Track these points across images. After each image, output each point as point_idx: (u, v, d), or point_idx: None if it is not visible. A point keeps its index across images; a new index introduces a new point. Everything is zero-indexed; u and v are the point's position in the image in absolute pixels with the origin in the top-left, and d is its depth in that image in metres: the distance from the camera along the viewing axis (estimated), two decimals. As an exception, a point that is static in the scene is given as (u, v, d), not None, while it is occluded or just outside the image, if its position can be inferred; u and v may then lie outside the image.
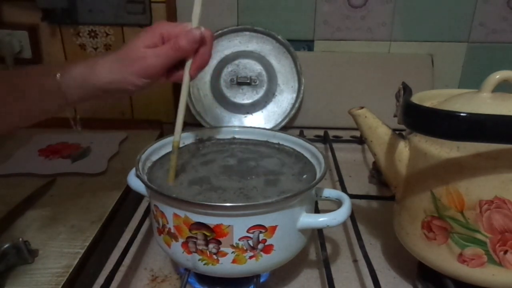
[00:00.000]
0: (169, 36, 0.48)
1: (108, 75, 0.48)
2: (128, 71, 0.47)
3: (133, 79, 0.48)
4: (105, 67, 0.48)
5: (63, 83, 0.48)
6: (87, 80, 0.48)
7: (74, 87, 0.48)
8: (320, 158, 0.51)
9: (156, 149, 0.54)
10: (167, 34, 0.48)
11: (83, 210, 0.64)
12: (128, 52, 0.48)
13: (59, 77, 0.48)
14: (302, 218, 0.45)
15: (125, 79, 0.48)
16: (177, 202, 0.43)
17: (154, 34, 0.48)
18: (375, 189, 0.73)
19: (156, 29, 0.49)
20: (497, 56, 0.91)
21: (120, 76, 0.48)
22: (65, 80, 0.48)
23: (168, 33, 0.48)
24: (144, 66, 0.47)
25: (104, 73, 0.48)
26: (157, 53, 0.47)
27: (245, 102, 0.88)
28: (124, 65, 0.48)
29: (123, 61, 0.48)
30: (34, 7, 0.89)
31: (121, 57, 0.48)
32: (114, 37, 0.93)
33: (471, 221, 0.42)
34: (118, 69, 0.48)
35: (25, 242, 0.53)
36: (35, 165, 0.77)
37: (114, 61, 0.48)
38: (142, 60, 0.47)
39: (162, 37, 0.48)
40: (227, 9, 0.89)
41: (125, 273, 0.52)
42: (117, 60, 0.48)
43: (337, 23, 0.90)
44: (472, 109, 0.42)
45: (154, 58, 0.47)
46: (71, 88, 0.48)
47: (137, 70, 0.47)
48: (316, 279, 0.52)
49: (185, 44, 0.47)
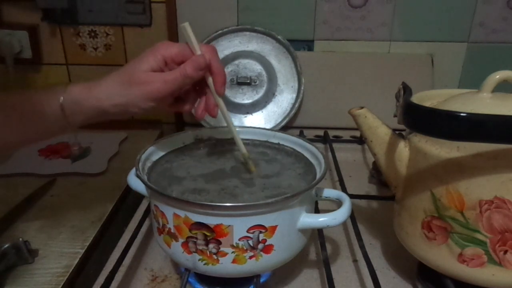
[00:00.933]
0: (172, 59, 0.49)
1: (113, 98, 0.48)
2: (134, 95, 0.47)
3: (139, 103, 0.48)
4: (109, 91, 0.48)
5: (66, 106, 0.48)
6: (90, 104, 0.48)
7: (77, 111, 0.48)
8: (320, 158, 0.51)
9: (156, 149, 0.54)
10: (170, 58, 0.49)
11: (83, 210, 0.64)
12: (133, 76, 0.48)
13: (62, 100, 0.47)
14: (302, 218, 0.45)
15: (131, 102, 0.48)
16: (177, 202, 0.43)
17: (157, 57, 0.48)
18: (375, 189, 0.73)
19: (158, 52, 0.48)
20: (497, 56, 0.91)
21: (126, 99, 0.48)
22: (67, 104, 0.48)
23: (170, 57, 0.49)
24: (151, 91, 0.47)
25: (109, 97, 0.48)
26: (166, 78, 0.48)
27: (245, 102, 0.88)
28: (129, 89, 0.48)
29: (129, 85, 0.48)
30: (34, 7, 0.89)
31: (126, 81, 0.48)
32: (114, 37, 0.93)
33: (471, 221, 0.42)
34: (123, 92, 0.48)
35: (25, 242, 0.53)
36: (35, 165, 0.77)
37: (119, 85, 0.48)
38: (150, 85, 0.47)
39: (164, 60, 0.49)
40: (227, 9, 0.89)
41: (125, 273, 0.52)
42: (122, 84, 0.48)
43: (337, 23, 0.90)
44: (472, 109, 0.42)
45: (161, 84, 0.47)
46: (73, 111, 0.48)
47: (144, 94, 0.47)
48: (316, 279, 0.52)
49: (192, 72, 0.48)
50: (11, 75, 0.92)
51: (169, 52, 0.49)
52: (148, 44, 0.94)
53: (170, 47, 0.49)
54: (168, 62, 0.49)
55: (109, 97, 0.48)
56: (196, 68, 0.48)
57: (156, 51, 0.49)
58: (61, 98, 0.47)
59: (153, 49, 0.49)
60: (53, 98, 0.48)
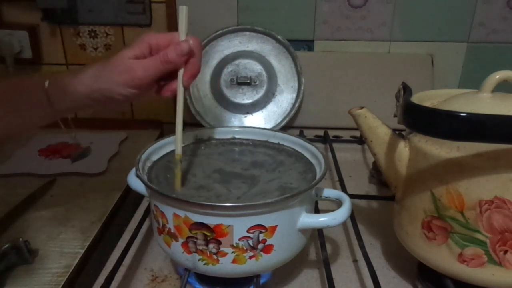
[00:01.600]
0: (158, 46, 0.49)
1: (94, 83, 0.48)
2: (115, 81, 0.47)
3: (120, 89, 0.48)
4: (91, 76, 0.48)
5: (51, 91, 0.48)
6: (73, 88, 0.48)
7: (61, 96, 0.48)
8: (320, 158, 0.51)
9: (156, 149, 0.54)
10: (156, 45, 0.49)
11: (83, 210, 0.64)
12: (115, 62, 0.48)
13: (47, 85, 0.47)
14: (302, 218, 0.45)
15: (111, 89, 0.48)
16: (177, 202, 0.43)
17: (142, 45, 0.48)
18: (375, 189, 0.73)
19: (144, 39, 0.49)
20: (497, 56, 0.91)
21: (106, 85, 0.48)
22: (53, 89, 0.48)
23: (156, 44, 0.48)
24: (131, 77, 0.47)
25: (90, 81, 0.48)
26: (145, 65, 0.47)
27: (245, 102, 0.88)
28: (111, 75, 0.48)
29: (110, 71, 0.48)
30: (34, 7, 0.89)
31: (108, 67, 0.48)
32: (114, 37, 0.93)
33: (471, 221, 0.42)
34: (104, 78, 0.48)
35: (25, 242, 0.53)
36: (35, 165, 0.77)
37: (101, 70, 0.48)
38: (130, 72, 0.47)
39: (150, 48, 0.49)
40: (227, 9, 0.89)
41: (125, 273, 0.52)
42: (103, 69, 0.48)
43: (337, 23, 0.90)
44: (472, 109, 0.42)
45: (142, 70, 0.47)
46: (58, 96, 0.48)
47: (124, 80, 0.47)
48: (316, 279, 0.52)
49: (174, 57, 0.47)
50: (11, 75, 0.92)
51: (154, 39, 0.49)
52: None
53: (156, 35, 0.49)
54: (154, 49, 0.49)
55: (92, 83, 0.48)
56: (178, 53, 0.47)
57: (142, 39, 0.49)
58: (46, 82, 0.47)
59: (140, 37, 0.49)
60: (39, 84, 0.48)
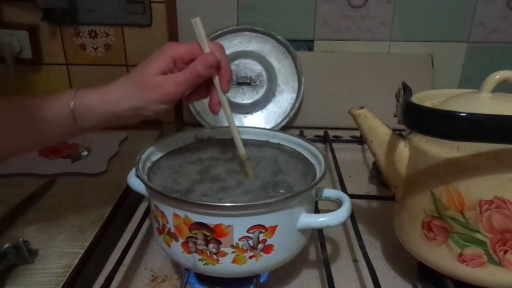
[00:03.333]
0: (181, 59, 0.49)
1: (126, 103, 0.48)
2: (147, 99, 0.48)
3: (152, 106, 0.48)
4: (121, 96, 0.48)
5: (76, 111, 0.48)
6: (102, 109, 0.48)
7: (88, 116, 0.48)
8: (320, 158, 0.51)
9: (156, 149, 0.54)
10: (179, 58, 0.49)
11: (83, 210, 0.64)
12: (144, 80, 0.48)
13: (73, 106, 0.47)
14: (302, 218, 0.45)
15: (144, 106, 0.48)
16: (177, 202, 0.43)
17: (166, 58, 0.48)
18: (375, 189, 0.73)
19: (166, 53, 0.49)
20: (497, 56, 0.91)
21: (139, 103, 0.48)
22: (78, 109, 0.48)
23: (179, 56, 0.49)
24: (163, 94, 0.47)
25: (122, 102, 0.48)
26: (177, 80, 0.48)
27: (245, 102, 0.88)
28: (142, 93, 0.48)
29: (141, 90, 0.48)
30: (34, 7, 0.89)
31: (138, 85, 0.48)
32: (114, 37, 0.93)
33: (471, 221, 0.42)
34: (136, 96, 0.48)
35: (25, 242, 0.53)
36: (35, 165, 0.77)
37: (131, 89, 0.48)
38: (162, 88, 0.47)
39: (173, 61, 0.49)
40: (227, 9, 0.89)
41: (125, 273, 0.52)
42: (134, 88, 0.48)
43: (337, 23, 0.90)
44: (472, 109, 0.42)
45: (174, 86, 0.48)
46: (84, 117, 0.48)
47: (157, 97, 0.48)
48: (316, 279, 0.52)
49: (203, 71, 0.48)
50: (11, 75, 0.92)
51: (177, 52, 0.49)
52: (148, 44, 0.95)
53: (178, 47, 0.49)
54: (177, 62, 0.49)
55: (121, 102, 0.48)
56: (206, 66, 0.48)
57: (164, 52, 0.49)
58: (71, 103, 0.47)
59: (161, 50, 0.49)
60: (64, 103, 0.48)
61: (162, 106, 0.48)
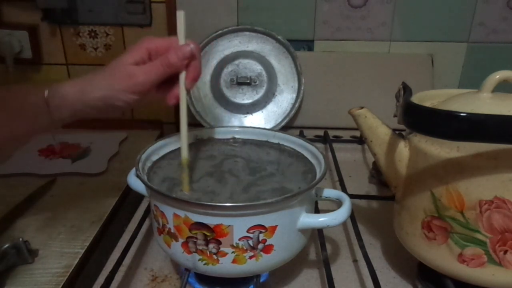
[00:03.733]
0: (156, 51, 0.49)
1: (96, 91, 0.48)
2: (117, 88, 0.48)
3: (122, 96, 0.48)
4: (93, 85, 0.48)
5: (50, 100, 0.48)
6: (74, 97, 0.48)
7: (63, 105, 0.48)
8: (320, 158, 0.51)
9: (156, 149, 0.54)
10: (154, 50, 0.49)
11: (83, 210, 0.64)
12: (115, 69, 0.48)
13: (47, 94, 0.47)
14: (302, 218, 0.45)
15: (114, 96, 0.48)
16: (177, 202, 0.43)
17: (141, 50, 0.48)
18: (375, 189, 0.73)
19: (142, 44, 0.49)
20: (497, 56, 0.91)
21: (109, 92, 0.48)
22: (52, 98, 0.48)
23: (155, 49, 0.49)
24: (132, 83, 0.47)
25: (93, 91, 0.48)
26: (146, 70, 0.48)
27: (245, 102, 0.88)
28: (113, 82, 0.48)
29: (112, 78, 0.48)
30: (34, 7, 0.89)
31: (109, 74, 0.48)
32: (114, 37, 0.93)
33: (471, 221, 0.42)
34: (107, 86, 0.48)
35: (25, 242, 0.53)
36: (35, 165, 0.77)
37: (102, 79, 0.48)
38: (131, 78, 0.47)
39: (149, 53, 0.49)
40: (227, 9, 0.89)
41: (125, 273, 0.52)
42: (105, 78, 0.48)
43: (337, 23, 0.90)
44: (472, 109, 0.42)
45: (143, 76, 0.47)
46: (59, 106, 0.48)
47: (126, 87, 0.47)
48: (316, 279, 0.52)
49: (175, 60, 0.48)
50: (11, 75, 0.92)
51: (153, 44, 0.49)
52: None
53: (154, 40, 0.49)
54: (152, 54, 0.49)
55: (93, 91, 0.48)
56: (179, 57, 0.48)
57: (140, 44, 0.49)
58: (46, 91, 0.48)
59: (138, 42, 0.49)
60: (38, 92, 0.48)
61: (131, 96, 0.48)
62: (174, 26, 0.77)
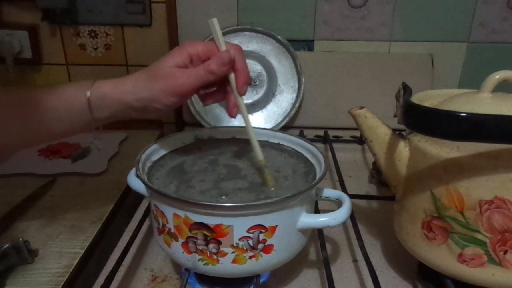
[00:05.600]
0: (198, 56, 0.49)
1: (137, 92, 0.48)
2: (157, 89, 0.48)
3: (161, 97, 0.48)
4: (133, 85, 0.48)
5: (92, 101, 0.48)
6: (115, 98, 0.48)
7: (103, 105, 0.48)
8: (320, 158, 0.51)
9: (156, 149, 0.54)
10: (196, 55, 0.49)
11: (83, 210, 0.64)
12: (157, 71, 0.48)
13: (89, 95, 0.48)
14: (302, 218, 0.45)
15: (153, 97, 0.48)
16: (177, 202, 0.43)
17: (183, 54, 0.49)
18: (375, 189, 0.73)
19: (184, 48, 0.49)
20: (497, 56, 0.91)
21: (149, 93, 0.48)
22: (94, 98, 0.48)
23: (196, 54, 0.49)
24: (174, 85, 0.47)
25: (134, 91, 0.48)
26: (188, 73, 0.48)
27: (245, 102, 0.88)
28: (153, 83, 0.48)
29: (153, 79, 0.48)
30: (34, 7, 0.89)
31: (151, 76, 0.48)
32: (114, 37, 0.93)
33: (471, 221, 0.42)
34: (147, 86, 0.48)
35: (25, 242, 0.52)
36: (35, 165, 0.77)
37: (143, 79, 0.48)
38: (173, 79, 0.47)
39: (190, 57, 0.49)
40: (227, 9, 0.89)
41: (125, 273, 0.52)
42: (145, 78, 0.48)
43: (337, 23, 0.90)
44: (472, 109, 0.42)
45: (184, 78, 0.47)
46: (100, 106, 0.48)
47: (166, 88, 0.47)
48: (316, 279, 0.52)
49: (216, 68, 0.48)
50: (11, 75, 0.92)
51: (194, 49, 0.49)
52: (148, 44, 0.95)
53: (196, 44, 0.49)
54: (194, 59, 0.49)
55: (133, 91, 0.48)
56: (220, 64, 0.48)
57: (182, 48, 0.49)
58: (88, 92, 0.48)
59: (180, 46, 0.50)
60: (80, 92, 0.48)
61: (171, 98, 0.48)
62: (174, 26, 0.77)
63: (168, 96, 0.48)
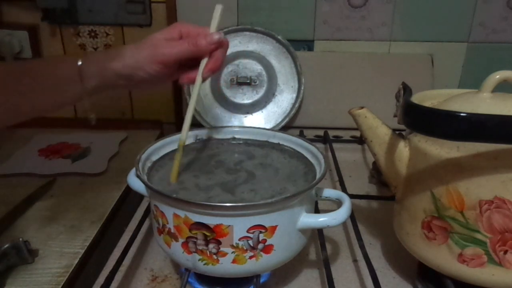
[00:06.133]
0: (188, 34, 0.52)
1: (122, 59, 0.50)
2: (141, 56, 0.50)
3: (144, 65, 0.50)
4: (121, 52, 0.50)
5: (83, 68, 0.49)
6: (104, 65, 0.50)
7: (93, 73, 0.50)
8: (320, 158, 0.51)
9: (156, 149, 0.54)
10: (186, 32, 0.52)
11: (83, 210, 0.64)
12: (145, 41, 0.51)
13: (81, 63, 0.49)
14: (302, 218, 0.45)
15: (138, 64, 0.50)
16: (177, 202, 0.43)
17: (173, 29, 0.51)
18: (375, 189, 0.73)
19: (176, 26, 0.52)
20: (497, 56, 0.91)
21: (133, 60, 0.50)
22: (85, 66, 0.49)
23: (187, 31, 0.51)
24: (156, 53, 0.49)
25: (119, 58, 0.50)
26: (173, 44, 0.50)
27: (245, 102, 0.88)
28: (139, 51, 0.50)
29: (139, 48, 0.50)
30: (34, 7, 0.89)
31: (138, 45, 0.51)
32: (114, 37, 0.93)
33: (471, 221, 0.42)
34: (133, 54, 0.50)
35: (25, 242, 0.53)
36: (35, 165, 0.77)
37: (131, 47, 0.51)
38: (156, 47, 0.50)
39: (180, 34, 0.51)
40: (227, 9, 0.89)
41: (125, 273, 0.52)
42: (133, 47, 0.51)
43: (337, 23, 0.90)
44: (472, 109, 0.42)
45: (168, 48, 0.50)
46: (90, 74, 0.50)
47: (149, 55, 0.50)
48: (316, 279, 0.52)
49: (203, 43, 0.50)
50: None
51: (185, 27, 0.52)
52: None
53: (189, 25, 0.52)
54: (184, 36, 0.51)
55: (120, 58, 0.50)
56: (208, 41, 0.50)
57: (175, 25, 0.52)
58: (79, 60, 0.49)
59: (173, 24, 0.53)
60: (71, 61, 0.50)
61: (153, 66, 0.50)
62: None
63: (151, 63, 0.50)
